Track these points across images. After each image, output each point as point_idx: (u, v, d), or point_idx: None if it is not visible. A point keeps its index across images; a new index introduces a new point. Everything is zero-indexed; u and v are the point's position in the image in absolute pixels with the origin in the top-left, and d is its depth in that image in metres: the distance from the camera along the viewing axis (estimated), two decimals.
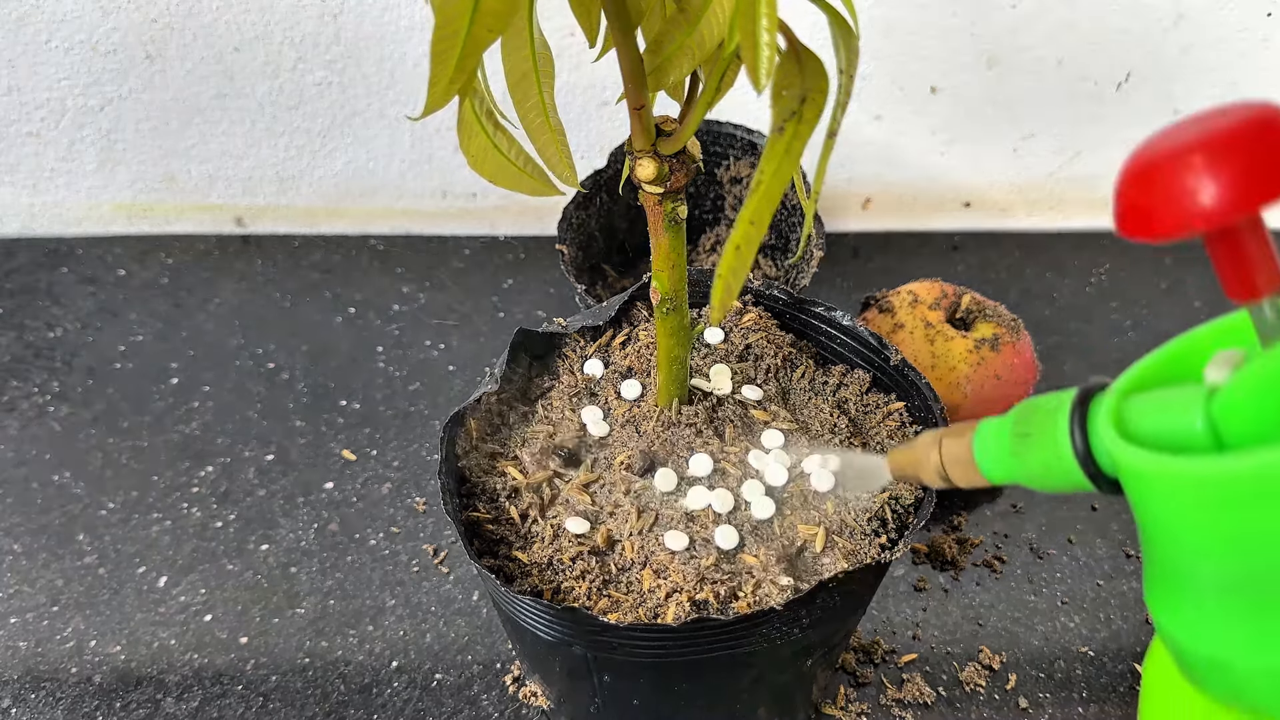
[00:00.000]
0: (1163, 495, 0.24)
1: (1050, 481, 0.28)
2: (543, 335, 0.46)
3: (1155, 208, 0.22)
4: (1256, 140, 0.21)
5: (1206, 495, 0.22)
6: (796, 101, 0.27)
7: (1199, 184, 0.21)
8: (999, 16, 0.71)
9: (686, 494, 0.41)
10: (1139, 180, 0.22)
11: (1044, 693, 0.50)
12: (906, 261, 0.77)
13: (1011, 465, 0.30)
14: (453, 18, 0.25)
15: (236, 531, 0.57)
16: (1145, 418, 0.25)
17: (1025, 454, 0.29)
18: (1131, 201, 0.22)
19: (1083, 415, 0.27)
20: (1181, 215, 0.21)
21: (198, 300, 0.72)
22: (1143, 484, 0.24)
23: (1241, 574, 0.23)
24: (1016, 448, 0.29)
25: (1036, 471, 0.29)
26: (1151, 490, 0.24)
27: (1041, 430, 0.28)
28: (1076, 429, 0.27)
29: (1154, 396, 0.25)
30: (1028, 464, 0.29)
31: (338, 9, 0.69)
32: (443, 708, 0.49)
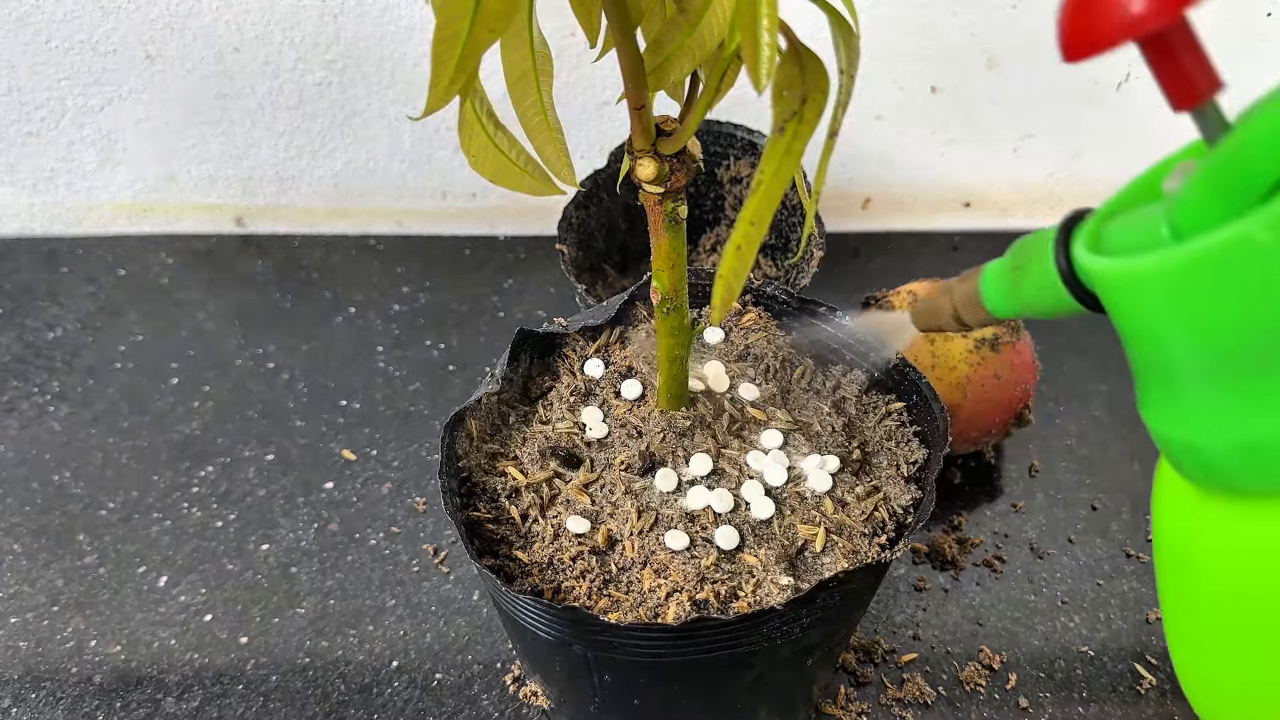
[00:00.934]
0: (1131, 296, 0.26)
1: (1044, 305, 0.31)
2: (543, 335, 0.46)
3: (1093, 24, 0.24)
4: None
5: (1168, 286, 0.24)
6: (797, 102, 0.27)
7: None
8: (999, 16, 0.71)
9: (686, 494, 0.41)
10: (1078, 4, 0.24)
11: (1044, 693, 0.50)
12: (906, 261, 0.77)
13: (1011, 296, 0.33)
14: (453, 18, 0.25)
15: (236, 531, 0.57)
16: (1119, 235, 0.27)
17: (1021, 283, 0.32)
18: (1071, 24, 0.24)
19: (1066, 240, 0.30)
20: (1118, 23, 0.23)
21: (198, 300, 0.72)
22: (1114, 289, 0.26)
23: (1205, 358, 0.25)
24: (1014, 278, 0.32)
25: (1032, 298, 0.31)
26: (1122, 293, 0.26)
27: (1032, 259, 0.31)
28: (1060, 253, 0.30)
29: (1127, 216, 0.28)
30: (1024, 292, 0.32)
31: (338, 9, 0.69)
32: (443, 707, 0.49)
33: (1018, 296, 0.33)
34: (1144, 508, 0.58)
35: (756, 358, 0.46)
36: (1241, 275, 0.23)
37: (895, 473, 0.42)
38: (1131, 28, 0.23)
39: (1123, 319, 0.27)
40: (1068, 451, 0.62)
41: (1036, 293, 0.31)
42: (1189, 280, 0.24)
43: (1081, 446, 0.62)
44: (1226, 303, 0.23)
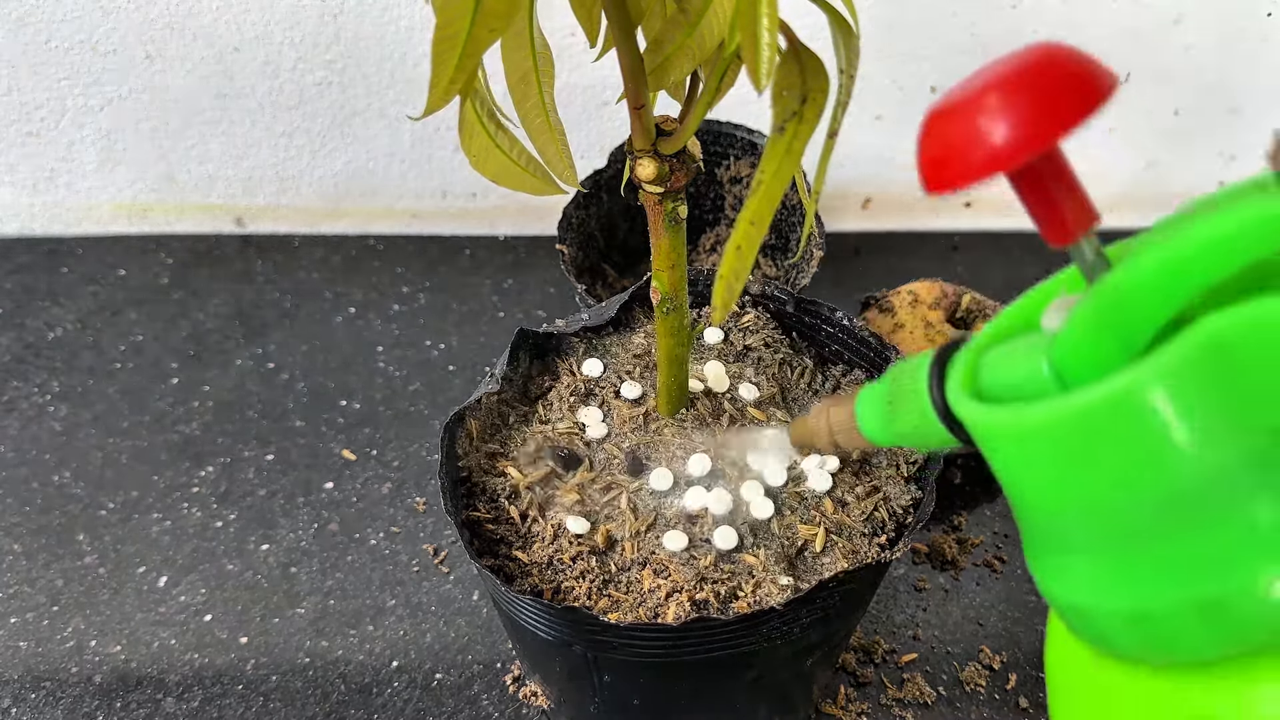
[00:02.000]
0: (1010, 448, 0.24)
1: (924, 440, 0.29)
2: (543, 335, 0.46)
3: (953, 155, 0.22)
4: (1045, 74, 0.21)
5: (1049, 441, 0.22)
6: (797, 101, 0.27)
7: (993, 124, 0.21)
8: (999, 16, 0.71)
9: (685, 494, 0.41)
10: (936, 132, 0.22)
11: (1044, 693, 0.50)
12: (906, 261, 0.77)
13: (889, 426, 0.30)
14: (453, 18, 0.25)
15: (236, 531, 0.57)
16: (995, 370, 0.25)
17: (897, 415, 0.30)
18: (931, 154, 0.22)
19: (941, 374, 0.28)
20: (981, 157, 0.21)
21: (198, 300, 0.72)
22: (990, 440, 0.24)
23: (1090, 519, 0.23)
24: (890, 410, 0.30)
25: (910, 431, 0.29)
26: (1000, 445, 0.24)
27: (906, 393, 0.29)
28: (935, 387, 0.27)
29: (1002, 349, 0.26)
30: (902, 424, 0.29)
31: (338, 9, 0.69)
32: (443, 708, 0.49)
33: (896, 428, 0.30)
34: None
35: (757, 358, 0.46)
36: (1128, 432, 0.21)
37: (895, 473, 0.42)
38: (993, 162, 0.21)
39: (1001, 470, 0.25)
40: None
41: (914, 427, 0.29)
42: (1072, 436, 0.22)
43: None
44: (1112, 461, 0.21)
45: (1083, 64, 0.21)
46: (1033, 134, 0.21)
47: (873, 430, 0.32)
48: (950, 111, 0.22)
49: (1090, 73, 0.21)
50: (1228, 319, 0.20)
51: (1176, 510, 0.21)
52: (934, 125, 0.22)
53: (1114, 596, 0.23)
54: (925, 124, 0.23)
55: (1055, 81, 0.21)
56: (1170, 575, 0.22)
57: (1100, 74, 0.21)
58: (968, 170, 0.21)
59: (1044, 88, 0.21)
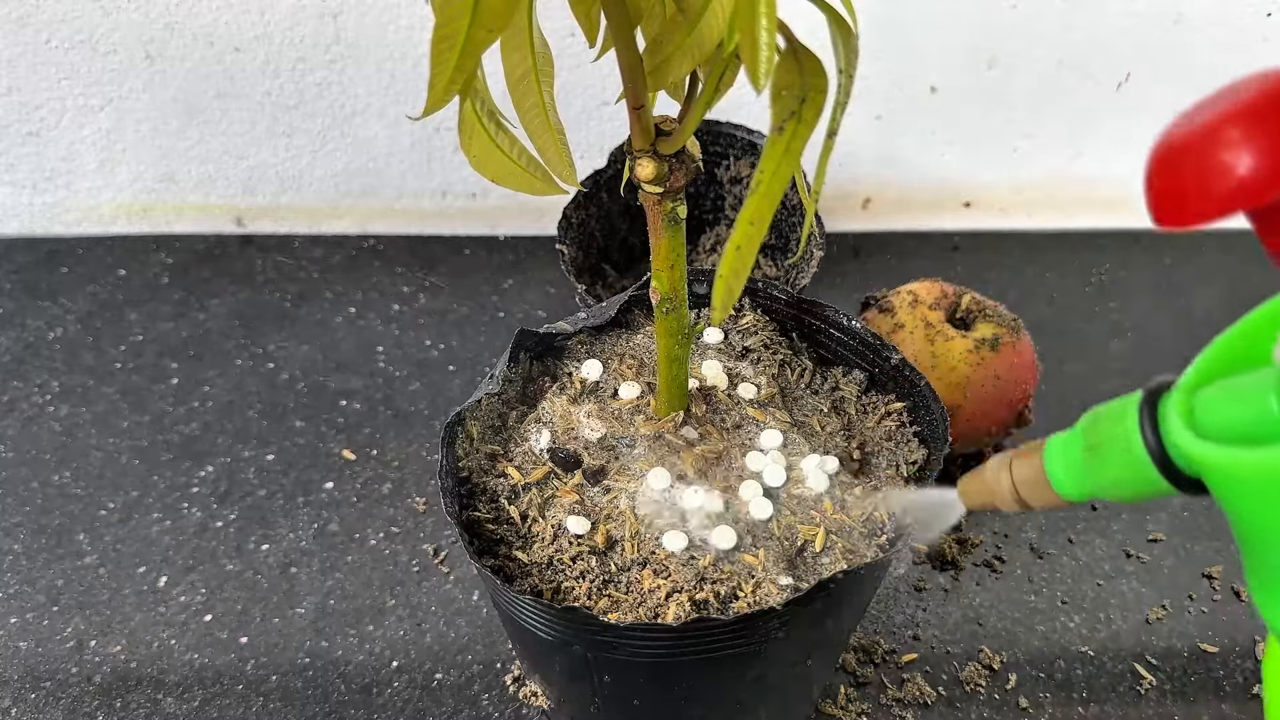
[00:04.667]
0: (1249, 488, 0.23)
1: (1129, 490, 0.27)
2: (543, 335, 0.46)
3: (1192, 191, 0.20)
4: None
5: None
6: (796, 101, 0.27)
7: (1238, 158, 0.20)
8: (999, 16, 0.71)
9: (685, 494, 0.41)
10: (1171, 165, 0.21)
11: (1044, 693, 0.50)
12: (906, 261, 0.77)
13: (1086, 479, 0.29)
14: (452, 17, 0.25)
15: (236, 531, 0.57)
16: (1217, 410, 0.24)
17: (1099, 465, 0.28)
18: (1165, 188, 0.21)
19: (1153, 416, 0.26)
20: (1224, 194, 0.20)
21: (198, 300, 0.72)
22: (1227, 480, 0.23)
23: None
24: (1089, 460, 0.28)
25: (1113, 482, 0.27)
26: (1237, 485, 0.23)
27: (1111, 438, 0.27)
28: (1149, 431, 0.26)
29: (1224, 387, 0.24)
30: (1103, 475, 0.28)
31: (338, 9, 0.69)
32: (443, 708, 0.49)
33: (1095, 480, 0.28)
34: (1143, 508, 0.58)
35: (756, 358, 0.46)
36: None
37: (895, 473, 0.42)
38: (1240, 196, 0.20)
39: (1235, 509, 0.24)
40: None
41: (1121, 476, 0.27)
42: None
43: None
44: None
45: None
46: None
47: (1067, 484, 0.29)
48: (1186, 144, 0.21)
49: None
50: None
51: None
52: (1168, 157, 0.21)
53: None
54: (1157, 157, 0.21)
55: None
56: None
57: None
58: (1211, 205, 0.20)
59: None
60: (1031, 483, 0.31)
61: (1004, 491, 0.32)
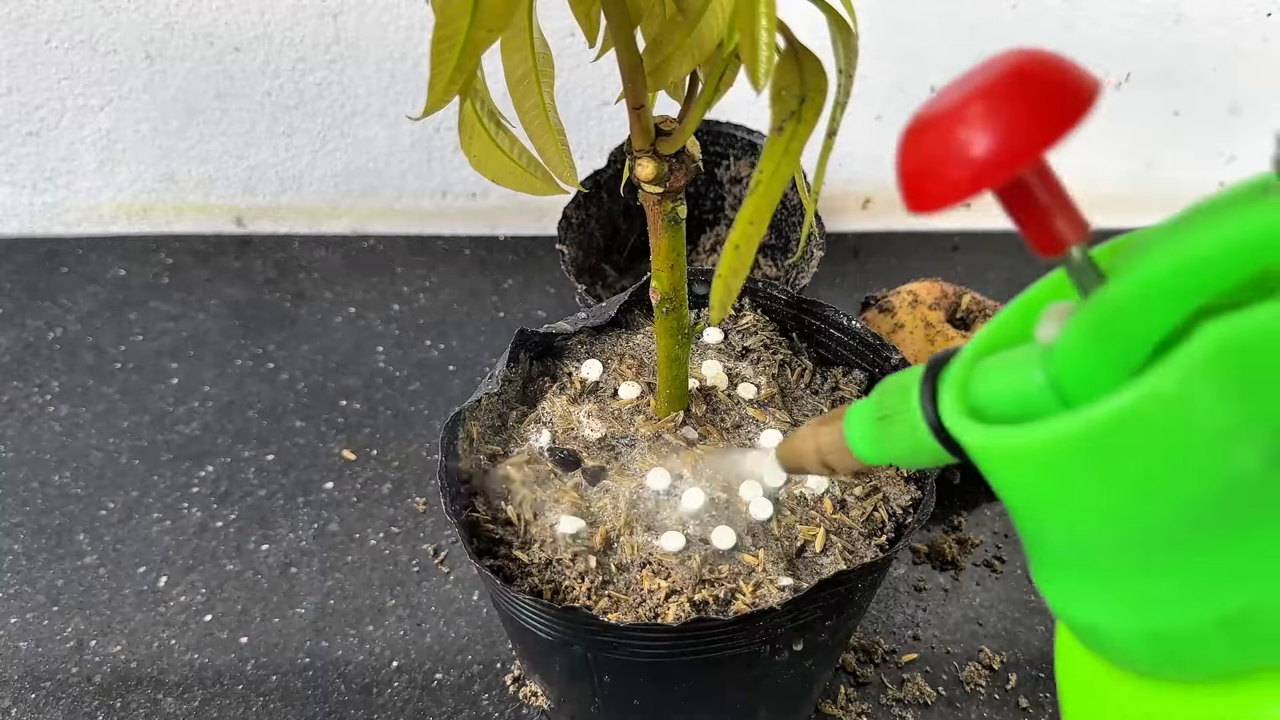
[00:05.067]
0: (1015, 469, 0.22)
1: (918, 459, 0.27)
2: (543, 335, 0.46)
3: (937, 173, 0.20)
4: (1029, 82, 0.20)
5: (1059, 460, 0.21)
6: (796, 101, 0.27)
7: (980, 136, 0.19)
8: (999, 16, 0.71)
9: (685, 494, 0.41)
10: (917, 147, 0.21)
11: (1044, 693, 0.50)
12: (906, 261, 0.77)
13: (881, 447, 0.29)
14: (452, 17, 0.25)
15: (236, 531, 0.57)
16: (989, 383, 0.24)
17: (891, 435, 0.28)
18: (913, 171, 0.21)
19: (933, 388, 0.26)
20: (968, 173, 0.20)
21: (198, 300, 0.72)
22: (993, 461, 0.23)
23: (1103, 537, 0.22)
24: (882, 430, 0.28)
25: (903, 451, 0.28)
26: (1003, 467, 0.23)
27: (899, 410, 0.27)
28: (928, 403, 0.26)
29: (995, 360, 0.24)
30: (894, 444, 0.28)
31: (338, 9, 0.69)
32: (443, 708, 0.49)
33: (889, 448, 0.28)
34: None
35: (756, 358, 0.46)
36: (1141, 446, 0.20)
37: (894, 473, 0.42)
38: (979, 179, 0.20)
39: (1004, 492, 0.23)
40: None
41: (907, 447, 0.27)
42: (1081, 454, 0.21)
43: None
44: (1127, 478, 0.20)
45: (1066, 69, 0.20)
46: (1021, 146, 0.19)
47: (864, 451, 0.30)
48: (929, 124, 0.20)
49: (1075, 78, 0.20)
50: (1237, 325, 0.19)
51: (1198, 523, 0.20)
52: (913, 139, 0.21)
53: (1131, 615, 0.22)
54: (903, 138, 0.21)
55: (1040, 89, 0.20)
56: (1192, 591, 0.21)
57: (1085, 79, 0.20)
58: (951, 188, 0.20)
59: (1029, 96, 0.20)
60: (834, 449, 0.31)
61: (811, 456, 0.32)
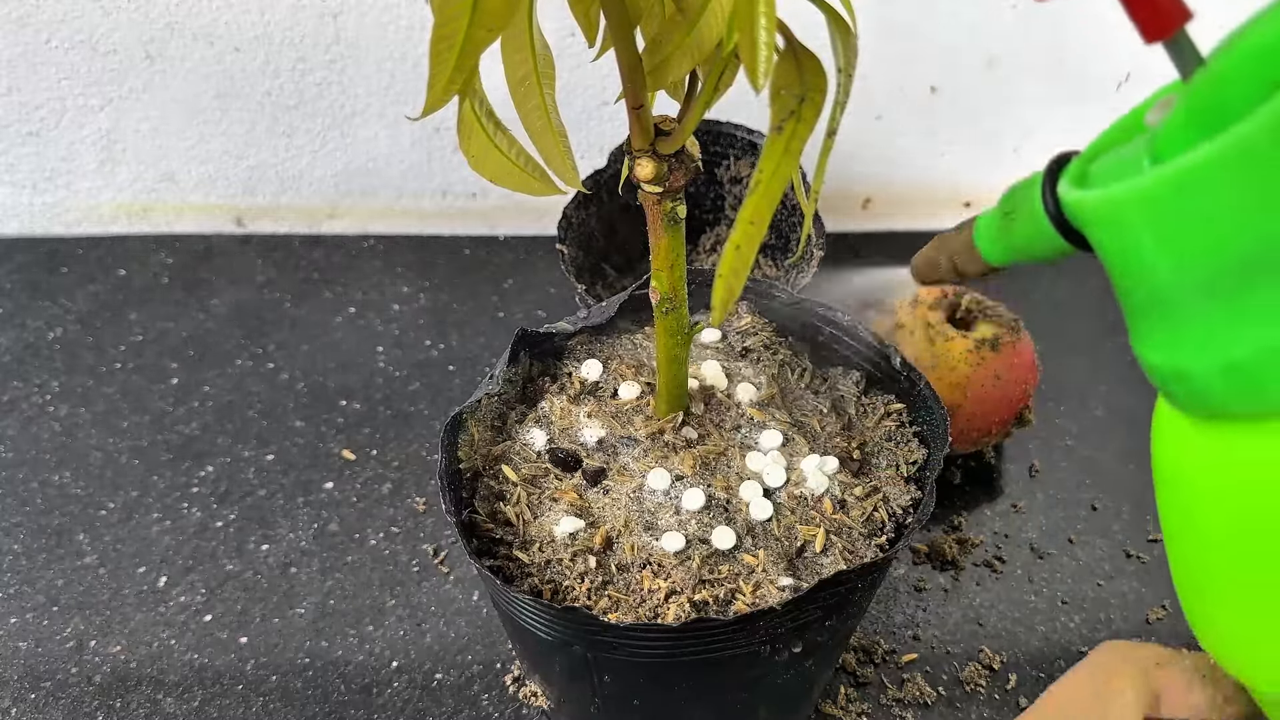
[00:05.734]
0: (1116, 223, 0.25)
1: (1036, 249, 0.32)
2: (543, 335, 0.46)
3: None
4: None
5: (1153, 207, 0.24)
6: (795, 101, 0.27)
7: None
8: (999, 16, 0.71)
9: (685, 494, 0.40)
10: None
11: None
12: (906, 261, 0.77)
13: (1002, 241, 0.33)
14: (451, 17, 0.25)
15: (236, 531, 0.57)
16: (1104, 170, 0.27)
17: (1012, 229, 0.32)
18: None
19: (1054, 181, 0.30)
20: None
21: (198, 300, 0.72)
22: (1098, 220, 0.26)
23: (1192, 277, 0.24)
24: (1005, 225, 0.33)
25: (1023, 242, 0.32)
26: (1106, 223, 0.26)
27: (1021, 204, 0.31)
28: (1048, 193, 0.30)
29: (1111, 154, 0.28)
30: (1016, 237, 0.32)
31: (338, 9, 0.69)
32: (443, 708, 0.49)
33: (1010, 242, 0.33)
34: (1144, 508, 0.58)
35: (755, 358, 0.46)
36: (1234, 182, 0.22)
37: (895, 473, 0.42)
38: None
39: (1108, 250, 0.27)
40: (1068, 451, 0.62)
41: (1027, 237, 0.32)
42: (1171, 201, 0.24)
43: (1081, 446, 0.62)
44: (1216, 215, 0.23)
45: None
46: None
47: (989, 247, 0.34)
48: None
49: None
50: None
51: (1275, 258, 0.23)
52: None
53: (1214, 353, 0.25)
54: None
55: None
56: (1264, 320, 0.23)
57: None
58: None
59: None
60: (964, 251, 0.36)
61: (942, 260, 0.37)
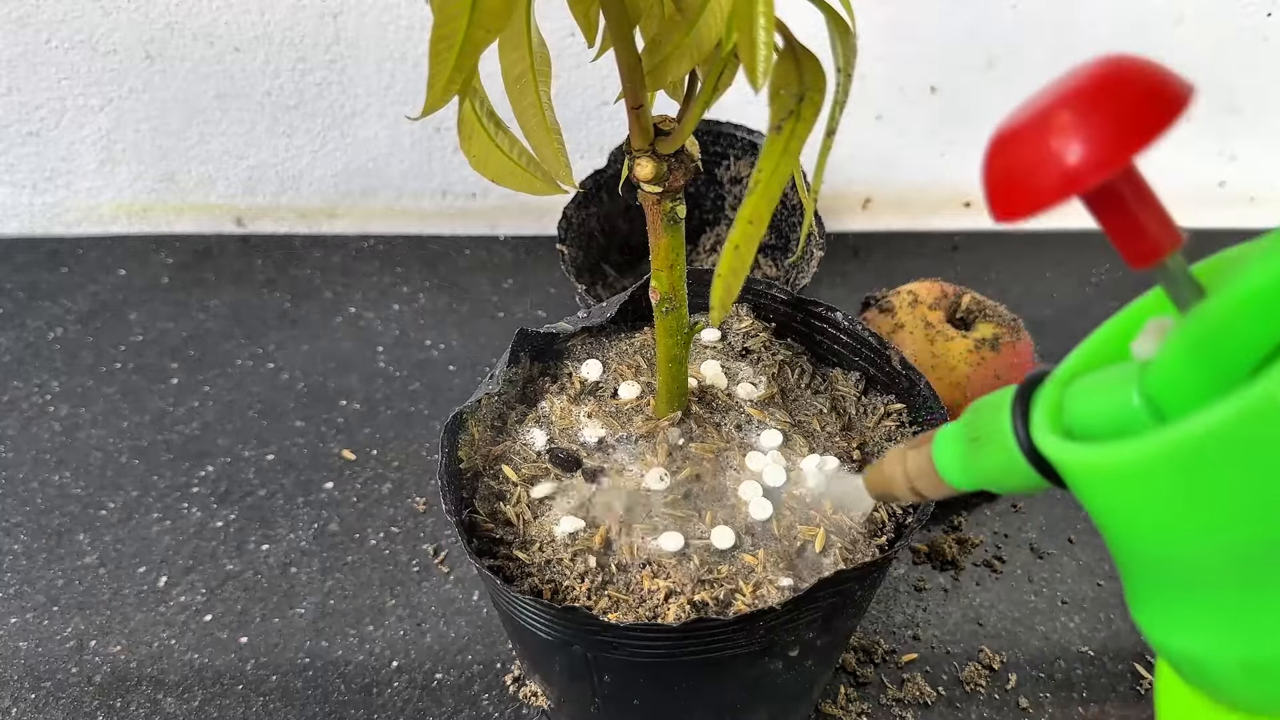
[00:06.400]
0: (1110, 489, 0.22)
1: (1011, 483, 0.27)
2: (543, 335, 0.46)
3: (1024, 179, 0.20)
4: (1115, 87, 0.20)
5: (1157, 477, 0.20)
6: (794, 100, 0.27)
7: (1068, 142, 0.19)
8: (999, 16, 0.71)
9: (685, 494, 0.40)
10: (1003, 155, 0.21)
11: (1044, 693, 0.50)
12: (906, 261, 0.77)
13: (971, 469, 0.28)
14: (451, 17, 0.25)
15: (236, 531, 0.57)
16: (1085, 405, 0.24)
17: (980, 458, 0.27)
18: (998, 179, 0.21)
19: (1025, 410, 0.26)
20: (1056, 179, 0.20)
21: (198, 300, 0.72)
22: (1088, 482, 0.22)
23: (1205, 559, 0.21)
24: (972, 451, 0.28)
25: (995, 474, 0.27)
26: (1098, 487, 0.22)
27: (989, 431, 0.27)
28: (1020, 426, 0.25)
29: (1090, 380, 0.24)
30: (985, 468, 0.27)
31: (338, 9, 0.69)
32: (443, 708, 0.49)
33: (979, 471, 0.28)
34: None
35: (755, 358, 0.46)
36: (1243, 459, 0.19)
37: None
38: (1070, 184, 0.20)
39: (1098, 514, 0.23)
40: None
41: (998, 469, 0.27)
42: (1179, 470, 0.20)
43: None
44: (1228, 494, 0.19)
45: (1156, 73, 0.20)
46: (1111, 151, 0.19)
47: (953, 475, 0.29)
48: (1019, 133, 0.20)
49: (1165, 81, 0.20)
50: None
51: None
52: (1000, 148, 0.21)
53: (1230, 644, 0.21)
54: (991, 147, 0.21)
55: (1130, 93, 0.19)
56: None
57: (1175, 82, 0.20)
58: (1041, 194, 0.20)
59: (1119, 100, 0.19)
60: (923, 473, 0.31)
61: (900, 481, 0.32)
